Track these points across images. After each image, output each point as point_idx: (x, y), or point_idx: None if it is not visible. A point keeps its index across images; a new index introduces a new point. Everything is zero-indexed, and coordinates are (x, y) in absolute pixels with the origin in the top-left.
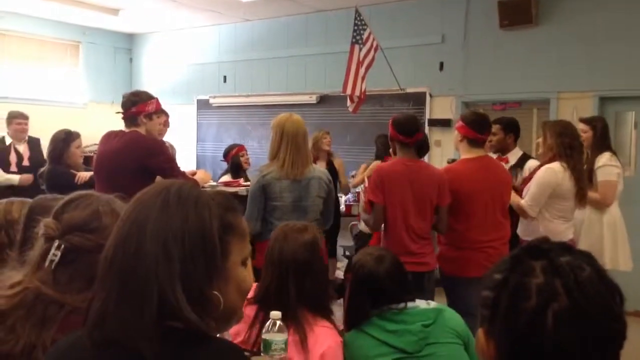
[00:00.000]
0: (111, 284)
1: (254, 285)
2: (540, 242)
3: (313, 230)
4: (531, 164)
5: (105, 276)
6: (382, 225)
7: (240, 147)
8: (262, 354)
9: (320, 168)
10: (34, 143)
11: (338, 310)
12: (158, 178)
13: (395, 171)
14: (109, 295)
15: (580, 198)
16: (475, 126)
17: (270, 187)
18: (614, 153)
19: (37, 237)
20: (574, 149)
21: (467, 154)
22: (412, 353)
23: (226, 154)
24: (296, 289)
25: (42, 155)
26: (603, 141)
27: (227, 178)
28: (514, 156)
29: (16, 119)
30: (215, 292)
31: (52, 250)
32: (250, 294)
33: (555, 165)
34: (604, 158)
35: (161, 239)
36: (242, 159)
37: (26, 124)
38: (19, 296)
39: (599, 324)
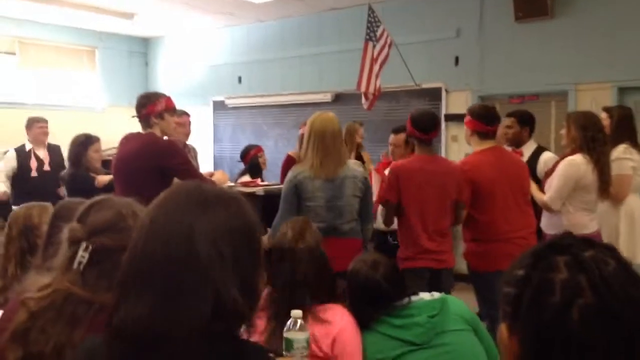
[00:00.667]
0: (158, 285)
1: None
2: (562, 237)
3: (309, 232)
4: (546, 156)
5: (145, 280)
6: (395, 221)
7: (259, 148)
8: (284, 352)
9: (356, 167)
10: (54, 149)
11: None
12: (175, 180)
13: (411, 169)
14: (155, 296)
15: (603, 191)
16: (483, 119)
17: (302, 186)
18: (633, 144)
19: (61, 241)
20: (597, 141)
21: (479, 146)
22: (421, 344)
23: (244, 155)
24: (301, 295)
25: (63, 161)
26: (621, 131)
27: (246, 178)
28: (528, 149)
29: (37, 123)
30: (259, 286)
31: (80, 252)
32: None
33: (578, 158)
34: (618, 151)
35: (211, 238)
36: (260, 159)
37: (47, 127)
38: (50, 298)
39: (625, 319)
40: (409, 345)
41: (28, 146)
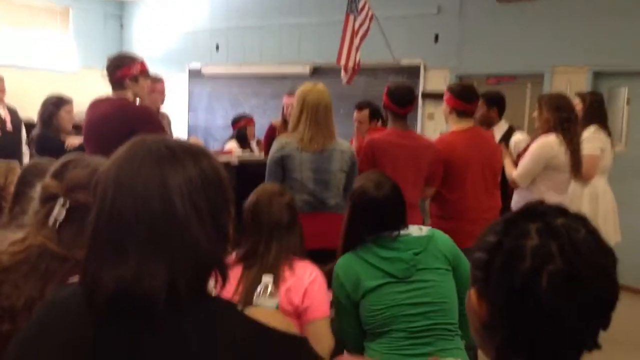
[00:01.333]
0: (139, 248)
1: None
2: (535, 204)
3: (289, 192)
4: (517, 137)
5: (125, 239)
6: None
7: (250, 120)
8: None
9: (344, 141)
10: (12, 110)
11: None
12: None
13: (387, 142)
14: (136, 259)
15: (576, 171)
16: (463, 97)
17: (289, 158)
18: (603, 127)
19: (31, 198)
20: (570, 121)
21: (456, 125)
22: (402, 278)
23: (235, 122)
24: (279, 247)
25: (21, 123)
26: (591, 115)
27: (232, 144)
28: (499, 130)
29: None
30: (231, 232)
31: (57, 209)
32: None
33: (551, 138)
34: (588, 132)
35: (186, 192)
36: (247, 131)
37: (3, 85)
38: (24, 253)
39: (593, 286)
40: (390, 277)
41: None
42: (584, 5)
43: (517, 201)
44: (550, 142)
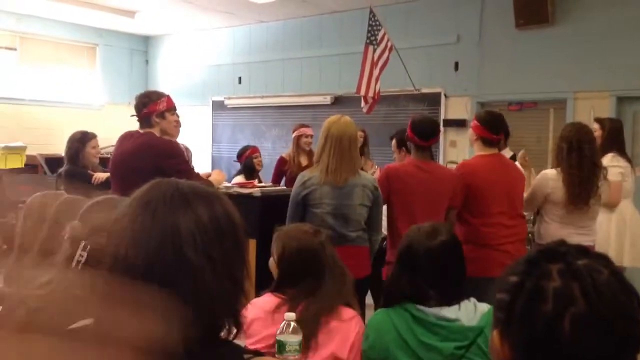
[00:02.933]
0: (152, 298)
1: (270, 295)
2: (557, 244)
3: (322, 232)
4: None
5: (137, 289)
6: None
7: (254, 149)
8: (276, 355)
9: (367, 175)
10: None
11: None
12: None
13: (404, 172)
14: (144, 308)
15: (575, 204)
16: (490, 127)
17: (311, 194)
18: (621, 153)
19: (62, 239)
20: (566, 152)
21: (481, 152)
22: None
23: (240, 155)
24: (315, 296)
25: None
26: (610, 142)
27: (240, 179)
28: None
29: None
30: (245, 282)
31: (79, 252)
32: (273, 303)
33: (550, 172)
34: (606, 160)
35: (200, 243)
36: (255, 160)
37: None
38: (49, 296)
39: (617, 328)
40: None
41: None
42: (603, 29)
43: (530, 230)
44: (547, 176)
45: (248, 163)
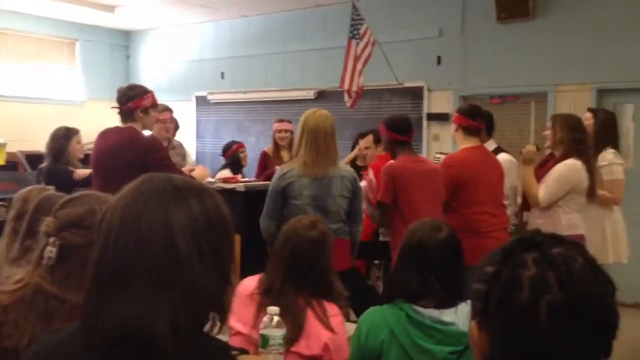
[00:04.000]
0: (141, 284)
1: (257, 277)
2: (532, 234)
3: (322, 225)
4: (503, 157)
5: (127, 275)
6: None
7: (240, 144)
8: (259, 349)
9: (346, 167)
10: None
11: None
12: None
13: (405, 169)
14: (138, 296)
15: (592, 194)
16: (467, 113)
17: (290, 186)
18: (618, 149)
19: (39, 233)
20: (584, 143)
21: (464, 143)
22: None
23: (225, 150)
24: (301, 283)
25: None
26: (604, 134)
27: (226, 173)
28: (487, 148)
29: None
30: (232, 276)
31: (48, 247)
32: (254, 285)
33: (577, 162)
34: (610, 156)
35: (190, 233)
36: (241, 155)
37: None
38: (20, 292)
39: (592, 315)
40: None
41: None
42: (584, 23)
43: (541, 222)
44: (578, 167)
45: (234, 158)
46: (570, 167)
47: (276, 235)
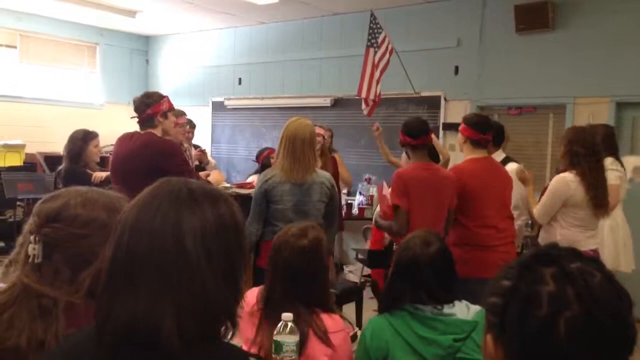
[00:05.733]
0: (149, 283)
1: (257, 289)
2: (549, 248)
3: (314, 232)
4: (511, 167)
5: (136, 274)
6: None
7: (272, 150)
8: (273, 355)
9: (324, 173)
10: None
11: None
12: None
13: (417, 176)
14: (145, 295)
15: (595, 206)
16: (477, 127)
17: (272, 191)
18: (617, 158)
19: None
20: (584, 156)
21: (471, 154)
22: None
23: (259, 155)
24: (297, 292)
25: None
26: (605, 147)
27: (256, 178)
28: (496, 159)
29: None
30: (243, 285)
31: (31, 245)
32: (253, 301)
33: (568, 175)
34: (606, 162)
35: (200, 235)
36: (272, 160)
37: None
38: (8, 292)
39: (611, 331)
40: None
41: None
42: (604, 35)
43: (543, 237)
44: (566, 179)
45: (265, 162)
46: (560, 181)
47: (259, 239)
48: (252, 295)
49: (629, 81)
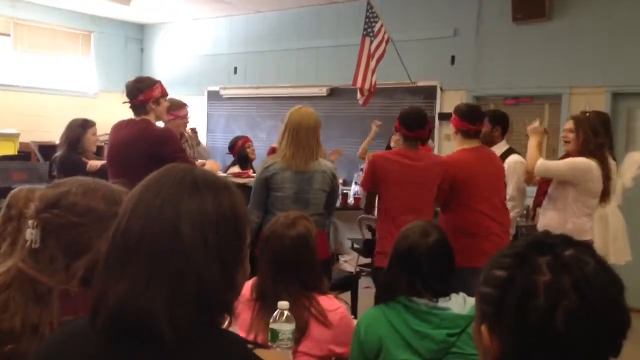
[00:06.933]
0: (139, 267)
1: (252, 280)
2: (543, 236)
3: (303, 222)
4: (513, 158)
5: (129, 257)
6: (374, 210)
7: (246, 139)
8: (269, 343)
9: (326, 162)
10: None
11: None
12: None
13: (389, 160)
14: (136, 277)
15: (602, 197)
16: (467, 117)
17: (273, 178)
18: (610, 150)
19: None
20: (606, 146)
21: (463, 145)
22: (428, 359)
23: (232, 146)
24: (291, 283)
25: None
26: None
27: (235, 169)
28: (499, 149)
29: None
30: (240, 277)
31: (29, 230)
32: (248, 291)
33: (593, 163)
34: None
35: (197, 223)
36: (248, 150)
37: None
38: (3, 276)
39: (607, 317)
40: (415, 355)
41: None
42: (600, 25)
43: (545, 224)
44: (591, 165)
45: (242, 153)
46: (586, 162)
47: (259, 228)
48: (247, 286)
49: (625, 72)
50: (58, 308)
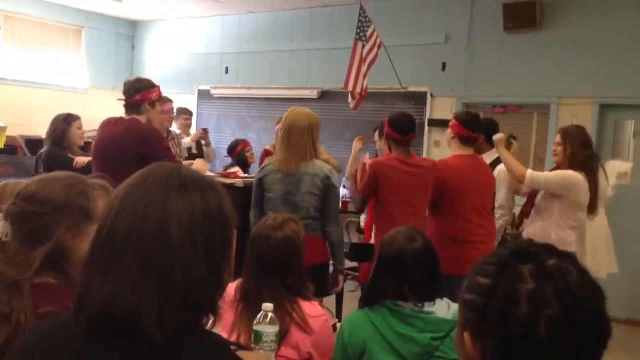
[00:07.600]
0: (126, 266)
1: (237, 281)
2: (526, 244)
3: (291, 225)
4: (502, 167)
5: (115, 255)
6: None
7: (245, 143)
8: (252, 344)
9: (323, 165)
10: None
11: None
12: None
13: (391, 166)
14: (123, 276)
15: (592, 209)
16: (468, 125)
17: (265, 179)
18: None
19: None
20: (594, 160)
21: (458, 151)
22: None
23: (231, 150)
24: (275, 286)
25: None
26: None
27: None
28: (488, 158)
29: None
30: (226, 276)
31: (2, 221)
32: (231, 291)
33: (581, 176)
34: None
35: (184, 221)
36: (247, 154)
37: None
38: None
39: (589, 326)
40: (400, 359)
41: None
42: (590, 37)
43: (531, 234)
44: (580, 179)
45: (241, 157)
46: (574, 175)
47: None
48: (232, 286)
49: (613, 83)
50: (30, 296)
